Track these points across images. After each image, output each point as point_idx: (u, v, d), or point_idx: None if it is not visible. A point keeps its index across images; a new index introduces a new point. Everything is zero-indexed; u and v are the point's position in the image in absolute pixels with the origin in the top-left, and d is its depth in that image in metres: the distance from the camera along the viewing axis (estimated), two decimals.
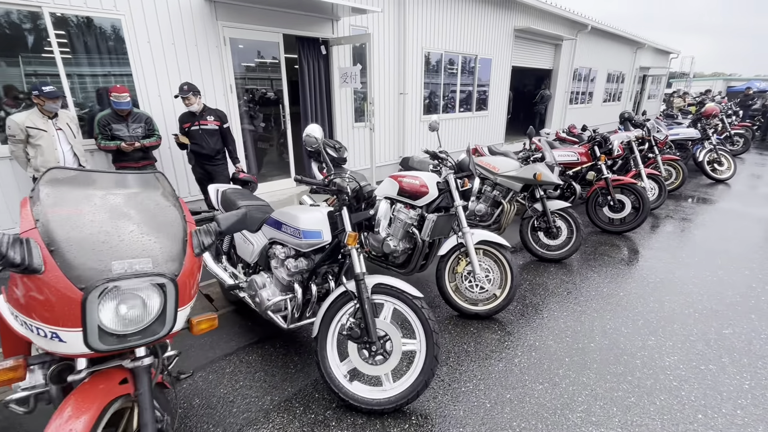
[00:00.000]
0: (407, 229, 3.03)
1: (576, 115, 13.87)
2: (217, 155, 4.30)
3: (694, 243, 4.25)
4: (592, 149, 4.65)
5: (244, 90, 5.63)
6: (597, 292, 3.20)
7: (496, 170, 3.97)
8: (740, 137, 9.92)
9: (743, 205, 5.63)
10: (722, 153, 7.18)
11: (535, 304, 3.02)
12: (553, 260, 3.80)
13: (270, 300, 2.25)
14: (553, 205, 3.77)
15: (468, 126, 9.27)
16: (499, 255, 2.82)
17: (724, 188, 6.73)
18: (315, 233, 2.12)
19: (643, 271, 3.57)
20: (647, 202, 4.34)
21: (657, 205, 5.31)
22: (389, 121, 7.33)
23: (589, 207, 4.67)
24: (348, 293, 2.01)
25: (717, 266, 3.66)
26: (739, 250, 4.02)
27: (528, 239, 3.87)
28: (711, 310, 2.92)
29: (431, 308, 2.85)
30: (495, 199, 3.99)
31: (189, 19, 4.58)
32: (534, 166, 3.72)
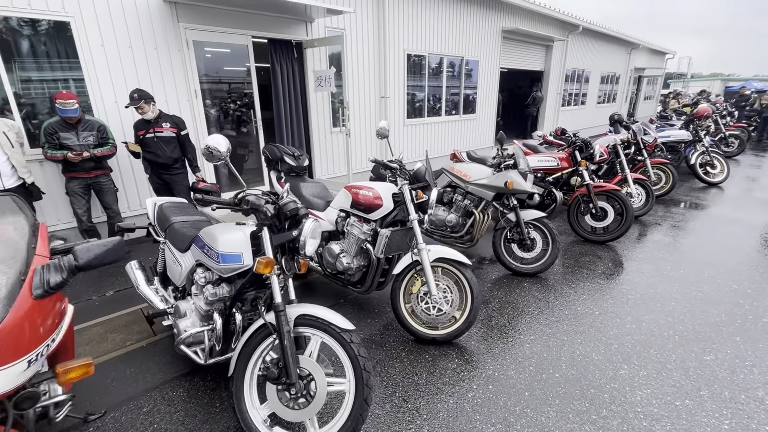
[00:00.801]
0: (361, 245, 2.79)
1: (569, 117, 13.65)
2: (174, 164, 4.07)
3: (681, 253, 3.99)
4: (572, 154, 4.40)
5: (212, 95, 5.41)
6: (571, 311, 2.95)
7: (468, 178, 3.72)
8: (735, 138, 9.68)
9: (735, 211, 5.38)
10: (715, 155, 6.94)
11: (500, 326, 2.77)
12: (528, 274, 3.54)
13: (187, 331, 2.01)
14: (527, 215, 3.52)
15: (455, 130, 9.04)
16: (459, 273, 2.56)
17: (717, 192, 6.48)
18: (234, 256, 1.88)
19: (623, 286, 3.32)
20: (631, 210, 4.10)
21: (644, 211, 5.06)
22: (370, 125, 7.10)
23: (571, 215, 4.43)
24: (267, 326, 1.76)
25: (703, 279, 3.41)
26: (727, 261, 3.77)
27: (501, 252, 3.63)
28: (693, 331, 2.66)
29: (389, 331, 2.61)
30: (467, 209, 3.74)
31: (147, 21, 4.35)
32: (506, 174, 3.47)
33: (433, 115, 8.43)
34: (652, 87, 21.43)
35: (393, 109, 7.36)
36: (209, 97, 5.30)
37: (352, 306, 3.10)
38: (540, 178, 4.57)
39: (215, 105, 5.48)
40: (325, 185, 3.55)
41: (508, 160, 3.55)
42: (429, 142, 8.40)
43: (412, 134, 7.95)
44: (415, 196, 2.56)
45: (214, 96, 5.50)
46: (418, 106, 8.07)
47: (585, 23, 12.06)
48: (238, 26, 5.05)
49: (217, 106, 5.62)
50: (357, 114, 6.79)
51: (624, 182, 5.09)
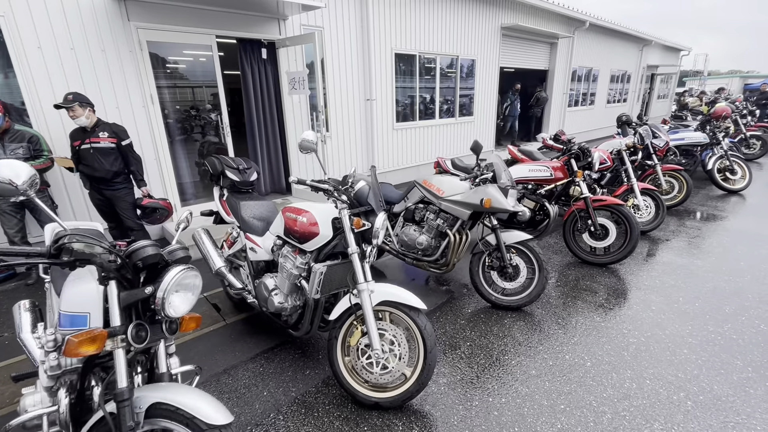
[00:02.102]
0: (294, 281, 2.29)
1: (577, 118, 12.97)
2: (115, 178, 3.63)
3: (696, 279, 3.40)
4: (568, 163, 3.84)
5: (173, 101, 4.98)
6: (557, 360, 2.40)
7: (441, 193, 3.20)
8: (757, 140, 8.91)
9: (760, 224, 4.73)
10: (735, 159, 6.26)
11: (465, 383, 2.24)
12: (510, 308, 3.00)
13: (28, 411, 1.53)
14: (509, 238, 2.98)
15: (451, 134, 8.49)
16: (410, 320, 2.05)
17: (738, 201, 5.80)
18: (79, 318, 1.40)
19: (625, 325, 2.75)
20: (636, 228, 3.51)
21: (654, 226, 4.45)
22: (356, 130, 6.62)
23: (567, 233, 3.86)
24: (105, 421, 1.27)
25: (723, 317, 2.82)
26: (753, 291, 3.16)
27: (479, 280, 3.09)
28: (710, 395, 2.09)
29: (328, 388, 2.02)
30: (440, 230, 3.22)
31: (91, 20, 3.94)
32: (484, 190, 2.94)
33: (426, 119, 7.90)
34: (666, 85, 20.50)
35: (380, 113, 6.86)
36: (170, 103, 4.88)
37: (296, 349, 2.60)
38: (531, 190, 4.01)
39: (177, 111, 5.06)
40: (275, 205, 3.07)
41: (487, 172, 3.02)
42: (421, 147, 7.88)
43: (402, 139, 7.44)
44: (351, 224, 2.05)
45: (176, 101, 5.08)
46: (408, 109, 7.56)
47: (592, 19, 11.40)
48: (200, 25, 4.61)
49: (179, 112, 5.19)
50: (340, 118, 6.32)
51: (630, 193, 4.50)
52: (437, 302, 3.16)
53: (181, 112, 5.27)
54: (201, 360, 2.51)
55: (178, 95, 5.22)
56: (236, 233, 2.89)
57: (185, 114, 5.38)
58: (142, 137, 4.47)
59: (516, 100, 10.67)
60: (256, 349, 2.60)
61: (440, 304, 3.14)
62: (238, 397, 2.18)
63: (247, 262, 2.75)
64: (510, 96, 10.67)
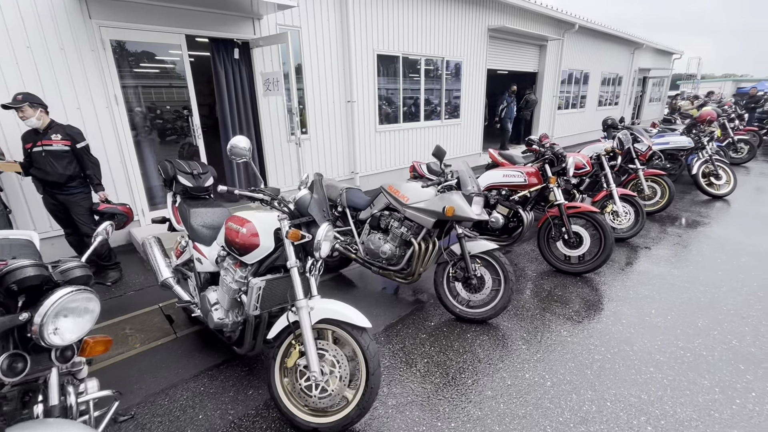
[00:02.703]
0: (234, 296, 2.15)
1: (567, 121, 12.91)
2: (69, 182, 3.47)
3: (672, 290, 3.28)
4: (543, 168, 3.72)
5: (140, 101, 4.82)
6: (515, 379, 2.27)
7: (406, 200, 3.06)
8: (745, 144, 8.85)
9: (742, 232, 4.62)
10: (720, 164, 6.17)
11: (415, 405, 2.10)
12: (475, 320, 2.86)
13: None
14: (475, 247, 2.85)
15: (437, 136, 8.37)
16: (352, 339, 1.91)
17: (722, 206, 5.71)
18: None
19: (592, 340, 2.62)
20: (609, 236, 3.39)
21: (633, 233, 4.34)
22: (336, 132, 6.48)
23: (541, 240, 3.73)
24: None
25: (695, 331, 2.69)
26: (729, 304, 3.04)
27: (443, 292, 2.95)
28: (673, 420, 1.96)
29: (268, 411, 1.95)
30: (404, 238, 3.08)
31: (49, 17, 3.79)
32: (448, 197, 2.81)
33: (411, 121, 7.78)
34: (658, 89, 20.52)
35: (362, 115, 6.73)
36: (137, 104, 4.73)
37: (243, 367, 2.45)
38: (505, 196, 3.89)
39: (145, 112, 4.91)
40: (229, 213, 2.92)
41: (451, 178, 2.89)
42: (406, 150, 7.75)
43: (385, 142, 7.31)
44: (286, 235, 1.91)
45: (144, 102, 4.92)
46: (392, 111, 7.43)
47: (581, 21, 11.33)
48: (168, 23, 4.47)
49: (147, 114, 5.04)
50: (319, 121, 6.18)
51: (609, 199, 4.39)
52: (400, 314, 3.02)
53: (150, 114, 5.12)
54: (141, 377, 2.36)
55: (146, 96, 5.06)
56: (185, 242, 2.74)
57: (154, 115, 5.22)
58: (106, 139, 4.31)
59: (512, 102, 10.44)
60: (202, 366, 2.45)
61: (403, 316, 3.00)
62: (170, 421, 2.03)
63: (194, 273, 2.60)
64: (506, 98, 10.41)
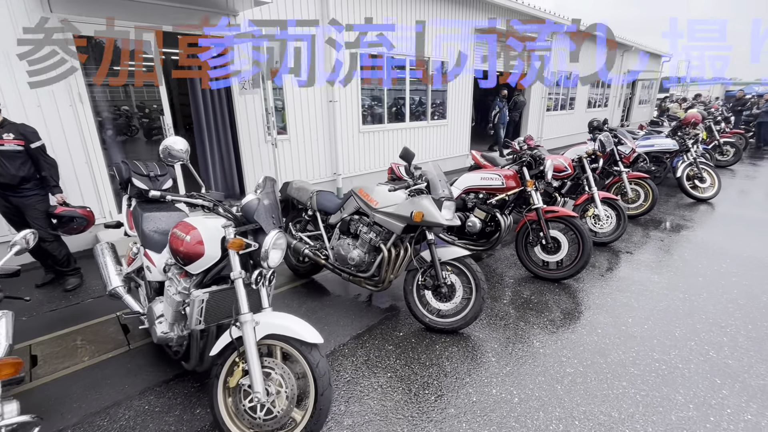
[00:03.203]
0: (178, 308, 2.00)
1: (556, 122, 12.87)
2: (23, 183, 3.29)
3: (650, 298, 3.18)
4: (520, 171, 3.61)
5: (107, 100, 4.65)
6: (481, 396, 2.14)
7: (375, 204, 2.93)
8: (731, 147, 8.86)
9: (725, 236, 4.56)
10: (704, 167, 6.12)
11: (372, 425, 1.96)
12: (445, 331, 2.74)
13: None
14: (446, 254, 2.72)
15: (423, 137, 8.26)
16: (300, 356, 1.77)
17: (706, 210, 5.66)
18: None
19: (564, 352, 2.51)
20: (588, 242, 3.29)
21: (614, 237, 4.25)
22: (318, 133, 6.33)
23: (519, 245, 3.62)
24: None
25: (672, 341, 2.59)
26: (708, 312, 2.95)
27: (412, 300, 2.82)
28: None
29: None
30: (373, 244, 2.95)
31: (5, 9, 3.60)
32: (418, 201, 2.69)
33: (396, 121, 7.66)
34: (647, 91, 20.64)
35: (344, 115, 6.59)
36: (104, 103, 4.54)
37: (194, 383, 2.30)
38: (482, 200, 3.77)
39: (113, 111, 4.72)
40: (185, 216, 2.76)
41: (421, 182, 2.76)
42: (391, 151, 7.62)
43: (369, 143, 7.18)
44: (227, 243, 1.76)
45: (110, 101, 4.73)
46: (377, 112, 7.31)
47: (570, 23, 11.30)
48: (138, 19, 4.29)
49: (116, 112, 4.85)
50: (300, 121, 6.04)
51: (590, 202, 4.30)
52: (369, 323, 2.89)
53: (118, 113, 4.93)
54: (83, 394, 2.20)
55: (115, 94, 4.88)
56: (137, 249, 2.59)
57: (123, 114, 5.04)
58: (70, 140, 4.13)
59: (504, 106, 10.17)
60: (150, 382, 2.30)
61: (372, 325, 2.86)
62: None
63: (144, 282, 2.45)
64: (498, 103, 10.13)
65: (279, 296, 3.35)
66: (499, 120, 10.16)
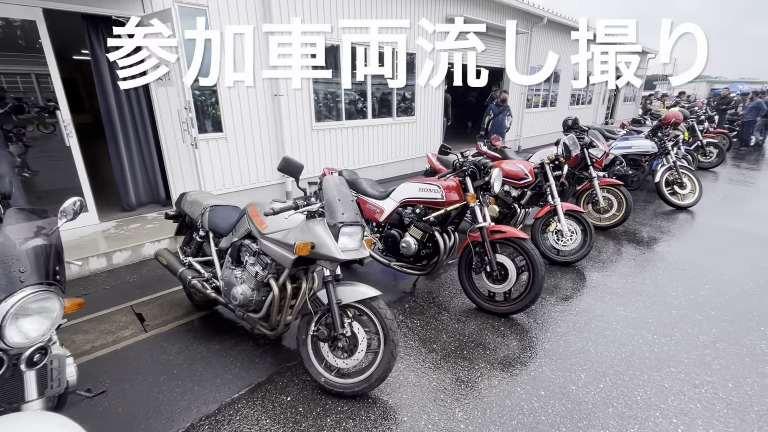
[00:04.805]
0: None
1: (536, 120, 12.33)
2: None
3: (611, 340, 2.61)
4: (464, 182, 2.99)
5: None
6: None
7: (264, 228, 2.30)
8: (714, 147, 8.40)
9: (704, 251, 4.03)
10: (684, 171, 5.60)
11: None
12: (344, 395, 2.12)
13: None
14: (348, 295, 2.09)
15: (388, 135, 7.62)
16: None
17: (685, 219, 5.14)
18: None
19: (492, 429, 1.91)
20: (539, 270, 2.70)
21: (580, 256, 3.68)
22: (261, 131, 5.65)
23: (462, 272, 3.02)
24: None
25: (632, 411, 2.01)
26: (681, 360, 2.39)
27: (306, 355, 2.19)
28: None
29: None
30: (260, 279, 2.31)
31: None
32: (309, 228, 2.06)
33: (356, 118, 7.00)
34: (632, 88, 20.24)
35: (293, 111, 5.91)
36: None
37: None
38: (419, 215, 3.15)
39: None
40: None
41: (314, 201, 2.12)
42: (351, 151, 6.98)
43: (324, 142, 6.51)
44: None
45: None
46: (330, 106, 6.64)
47: (550, 15, 10.74)
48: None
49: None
50: (239, 117, 5.35)
51: (553, 215, 3.72)
52: (254, 380, 2.26)
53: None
54: None
55: None
56: None
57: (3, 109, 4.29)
58: None
59: (502, 113, 7.81)
60: None
61: (257, 384, 2.23)
62: None
63: None
64: (492, 108, 7.91)
65: (160, 337, 2.70)
66: (492, 128, 7.95)
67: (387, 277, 3.57)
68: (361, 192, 3.51)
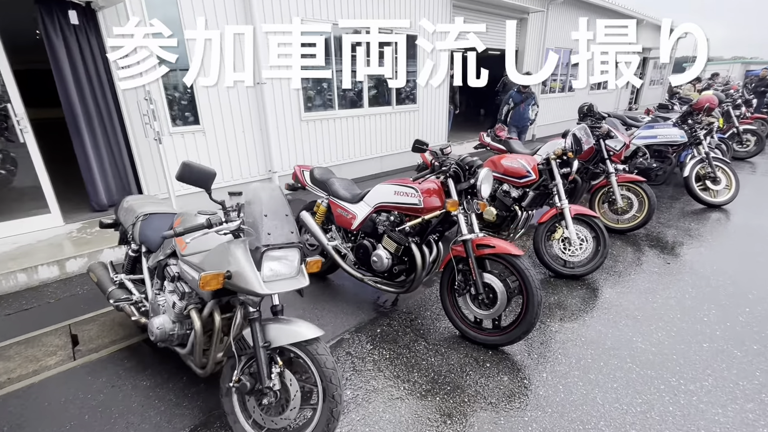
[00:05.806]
0: None
1: (552, 106, 11.51)
2: None
3: (625, 388, 2.08)
4: (445, 184, 2.48)
5: None
6: None
7: (183, 249, 1.86)
8: (752, 135, 7.53)
9: (742, 262, 3.40)
10: (719, 164, 4.89)
11: None
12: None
13: None
14: (281, 336, 1.64)
15: (387, 125, 7.08)
16: None
17: (718, 220, 4.48)
18: None
19: None
20: (534, 295, 2.18)
21: (591, 268, 3.13)
22: (243, 123, 5.23)
23: (444, 292, 2.53)
24: None
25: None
26: (715, 422, 1.86)
27: (230, 408, 1.76)
28: None
29: None
30: (178, 310, 1.89)
31: None
32: (231, 250, 1.60)
33: (350, 107, 6.49)
34: (660, 71, 18.91)
35: (278, 100, 5.46)
36: None
37: None
38: (393, 224, 2.66)
39: None
40: None
41: (236, 218, 1.66)
42: (346, 143, 6.49)
43: (315, 134, 6.04)
44: None
45: None
46: (324, 95, 6.15)
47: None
48: None
49: None
50: (218, 108, 4.94)
51: (559, 220, 3.17)
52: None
53: None
54: None
55: None
56: None
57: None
58: None
59: (525, 101, 6.74)
60: None
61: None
62: None
63: None
64: (512, 95, 6.79)
65: (87, 367, 2.32)
66: (513, 119, 6.88)
67: (365, 292, 3.11)
68: (332, 194, 3.04)
